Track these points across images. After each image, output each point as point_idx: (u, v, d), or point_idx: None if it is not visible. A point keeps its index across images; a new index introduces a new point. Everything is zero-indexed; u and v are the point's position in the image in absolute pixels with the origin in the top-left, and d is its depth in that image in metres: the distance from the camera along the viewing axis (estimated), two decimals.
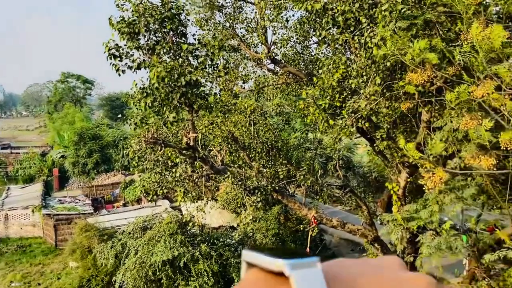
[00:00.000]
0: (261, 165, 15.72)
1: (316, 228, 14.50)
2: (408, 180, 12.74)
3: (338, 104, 11.16)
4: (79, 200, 32.32)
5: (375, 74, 9.47)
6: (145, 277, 14.22)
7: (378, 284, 0.50)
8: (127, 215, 25.57)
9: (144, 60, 10.49)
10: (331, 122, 10.82)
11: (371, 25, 9.07)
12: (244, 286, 0.51)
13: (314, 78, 12.64)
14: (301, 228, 15.29)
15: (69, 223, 25.38)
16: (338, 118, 11.01)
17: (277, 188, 14.23)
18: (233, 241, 16.61)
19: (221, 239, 16.31)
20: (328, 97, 11.21)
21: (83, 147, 38.60)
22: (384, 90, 9.99)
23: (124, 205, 32.18)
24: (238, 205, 18.15)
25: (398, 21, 7.95)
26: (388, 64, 8.89)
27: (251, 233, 15.76)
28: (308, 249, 15.29)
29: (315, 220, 14.44)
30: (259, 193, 13.31)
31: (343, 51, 11.76)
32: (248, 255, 0.53)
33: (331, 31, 10.92)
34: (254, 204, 13.23)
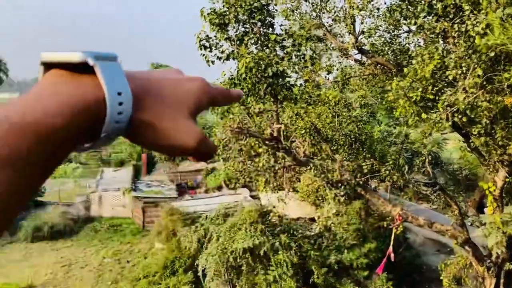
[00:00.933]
0: (344, 158, 15.40)
1: (400, 226, 13.92)
2: (507, 180, 11.76)
3: (431, 97, 10.53)
4: (165, 184, 34.02)
5: (475, 65, 8.78)
6: (226, 263, 14.62)
7: (165, 76, 0.58)
8: (209, 201, 26.45)
9: (232, 51, 10.67)
10: (423, 115, 10.24)
11: (474, 12, 8.40)
12: (44, 87, 0.49)
13: (405, 69, 12.04)
14: (384, 225, 14.75)
15: (155, 206, 26.85)
16: (431, 111, 10.39)
17: (360, 182, 13.87)
18: (312, 233, 16.51)
19: (300, 231, 16.29)
20: (420, 89, 10.62)
21: None
22: (484, 83, 9.26)
23: (206, 191, 33.34)
24: (319, 198, 18.00)
25: (507, 7, 7.26)
26: (492, 54, 8.19)
27: (331, 227, 15.54)
28: (391, 248, 14.76)
29: (400, 218, 13.87)
30: (342, 186, 13.06)
31: (438, 40, 11.05)
32: (45, 55, 0.51)
33: (426, 19, 10.30)
34: (337, 197, 13.01)
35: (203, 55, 10.33)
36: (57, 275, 21.31)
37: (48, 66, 0.52)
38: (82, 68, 0.50)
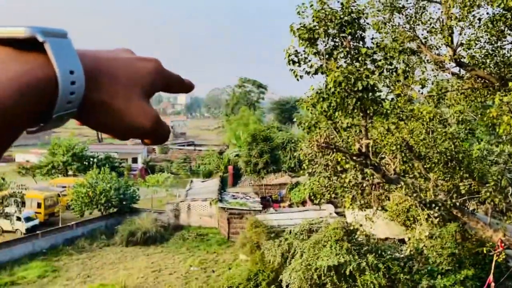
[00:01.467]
0: (438, 177, 14.47)
1: (503, 253, 12.69)
2: None
3: None
4: (250, 197, 34.56)
5: None
6: (310, 279, 14.36)
7: (117, 55, 0.55)
8: (293, 215, 26.34)
9: (321, 65, 10.56)
10: None
11: None
12: None
13: (509, 83, 11.07)
14: (484, 251, 13.54)
15: (240, 217, 27.34)
16: None
17: (457, 203, 12.90)
18: (402, 256, 15.64)
19: (389, 252, 15.53)
20: None
21: (255, 148, 41.15)
22: None
23: (290, 205, 33.26)
24: (409, 218, 17.04)
25: None
26: None
27: (423, 250, 14.61)
28: (491, 276, 13.48)
29: (502, 244, 12.65)
30: (436, 207, 12.24)
31: None
32: None
33: None
34: (430, 219, 12.21)
35: (292, 70, 10.35)
36: (148, 279, 22.45)
37: None
38: (29, 46, 0.46)
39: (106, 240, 27.61)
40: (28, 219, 27.73)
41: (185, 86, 0.65)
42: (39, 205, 29.69)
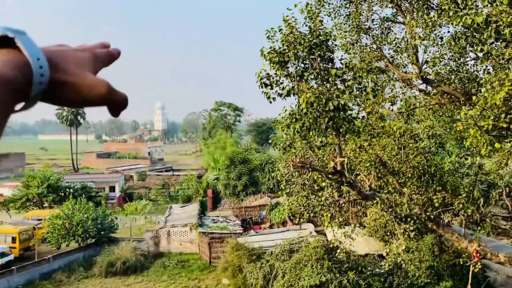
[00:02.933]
0: (412, 192, 14.79)
1: (479, 264, 12.97)
2: None
3: (504, 125, 9.97)
4: (230, 220, 34.36)
5: None
6: None
7: (59, 47, 0.67)
8: (274, 236, 26.28)
9: (293, 87, 10.83)
10: (497, 145, 9.68)
11: None
12: None
13: (474, 97, 11.54)
14: (461, 262, 13.81)
15: (221, 241, 27.11)
16: (506, 141, 9.81)
17: (431, 216, 13.19)
18: (382, 271, 15.79)
19: (369, 268, 15.67)
20: (492, 118, 10.10)
21: (233, 170, 41.16)
22: None
23: (270, 226, 33.20)
24: (387, 233, 17.27)
25: None
26: None
27: (402, 264, 14.79)
28: (469, 286, 13.74)
29: (478, 255, 12.95)
30: (412, 221, 12.49)
31: (509, 66, 10.54)
32: None
33: (494, 45, 9.90)
34: (406, 233, 12.44)
35: (265, 92, 10.58)
36: None
37: None
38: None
39: (85, 272, 26.90)
40: (2, 254, 26.85)
41: (114, 55, 0.79)
42: (13, 240, 28.82)
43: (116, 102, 0.70)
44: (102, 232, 30.27)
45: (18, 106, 0.61)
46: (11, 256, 27.51)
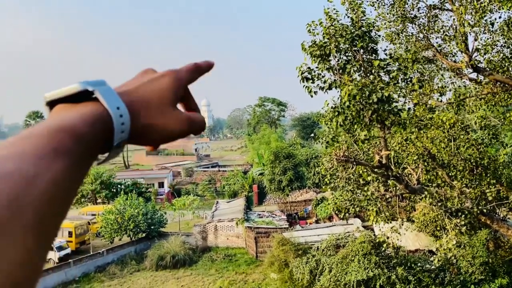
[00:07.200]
0: (463, 185, 14.21)
1: None
2: None
3: None
4: (276, 215, 34.46)
5: None
6: None
7: (140, 81, 0.67)
8: (320, 231, 26.11)
9: (335, 80, 10.68)
10: None
11: None
12: (57, 113, 0.57)
13: None
14: None
15: (267, 236, 27.25)
16: None
17: (484, 210, 12.63)
18: (433, 267, 15.31)
19: (418, 264, 15.24)
20: None
21: (278, 165, 41.17)
22: None
23: (316, 221, 33.00)
24: (438, 228, 16.71)
25: None
26: None
27: (453, 260, 14.27)
28: None
29: None
30: (463, 215, 12.01)
31: None
32: (48, 95, 0.59)
33: None
34: (457, 227, 11.99)
35: (306, 86, 10.50)
36: None
37: (51, 105, 0.60)
38: (77, 99, 0.60)
39: (136, 265, 27.92)
40: (60, 248, 28.34)
41: (203, 69, 0.76)
42: (70, 234, 30.34)
43: (196, 131, 0.71)
44: (152, 227, 31.24)
45: (101, 156, 0.61)
46: (68, 250, 29.00)
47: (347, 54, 10.78)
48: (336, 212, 28.49)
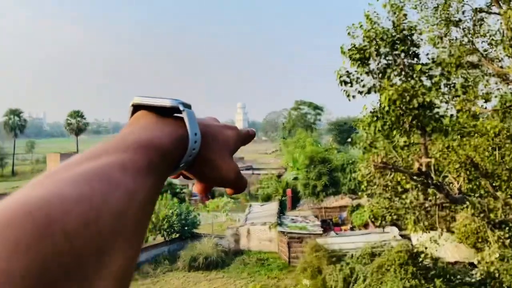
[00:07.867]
0: (508, 196, 13.57)
1: None
2: None
3: None
4: (309, 220, 34.08)
5: None
6: None
7: (213, 123, 0.70)
8: (355, 239, 25.59)
9: (374, 84, 10.44)
10: None
11: None
12: (146, 122, 0.59)
13: None
14: None
15: (300, 241, 26.99)
16: None
17: None
18: (473, 280, 14.69)
19: (458, 276, 14.67)
20: None
21: (313, 170, 40.78)
22: None
23: (351, 228, 32.40)
24: (479, 240, 16.04)
25: None
26: None
27: (496, 274, 13.63)
28: None
29: None
30: (507, 228, 11.47)
31: None
32: (137, 99, 0.62)
33: None
34: (501, 240, 11.45)
35: (344, 90, 10.32)
36: None
37: (135, 107, 0.63)
38: (163, 112, 0.62)
39: (169, 265, 28.25)
40: None
41: (251, 137, 0.82)
42: None
43: (238, 187, 0.72)
44: (186, 228, 31.56)
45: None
46: None
47: (387, 58, 10.54)
48: (372, 219, 27.91)
